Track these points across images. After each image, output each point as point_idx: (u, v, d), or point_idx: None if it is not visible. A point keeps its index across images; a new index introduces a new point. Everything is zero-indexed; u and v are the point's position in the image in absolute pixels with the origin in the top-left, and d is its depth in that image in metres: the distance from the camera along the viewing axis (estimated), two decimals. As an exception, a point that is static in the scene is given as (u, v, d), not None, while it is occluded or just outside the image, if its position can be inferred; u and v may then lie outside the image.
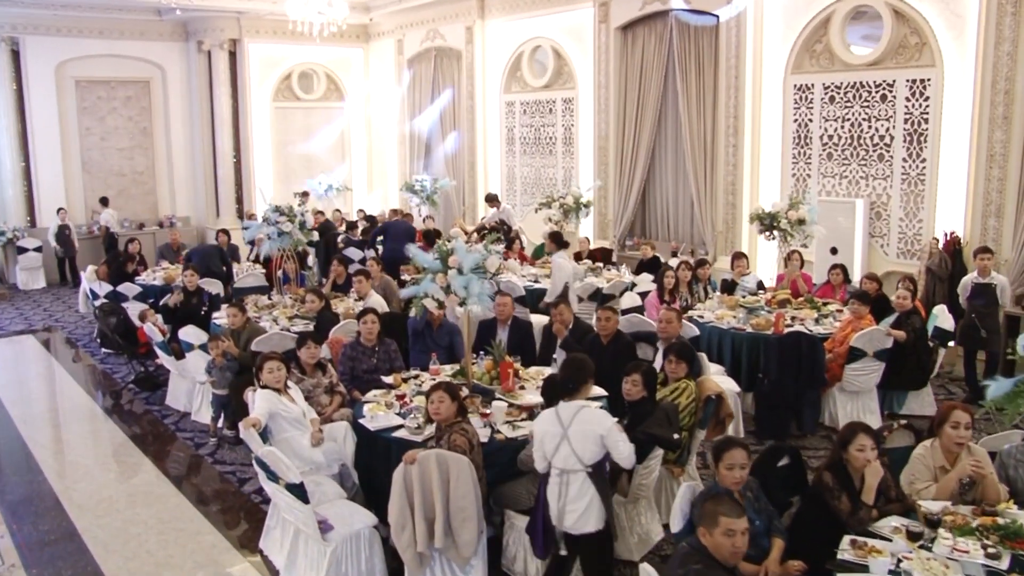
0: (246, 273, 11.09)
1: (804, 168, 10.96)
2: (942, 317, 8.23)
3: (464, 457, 4.67)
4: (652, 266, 11.41)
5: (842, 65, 10.42)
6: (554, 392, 4.90)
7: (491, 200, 14.11)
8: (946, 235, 9.41)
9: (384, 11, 17.32)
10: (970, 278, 8.39)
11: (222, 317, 8.75)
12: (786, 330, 8.00)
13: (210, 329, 8.59)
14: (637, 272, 11.24)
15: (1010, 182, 8.98)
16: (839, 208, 10.26)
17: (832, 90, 10.53)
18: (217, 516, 6.21)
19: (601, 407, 5.77)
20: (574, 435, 4.43)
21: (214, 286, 10.14)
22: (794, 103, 10.95)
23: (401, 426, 5.57)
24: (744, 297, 9.31)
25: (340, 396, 6.47)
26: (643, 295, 9.74)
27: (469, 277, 5.52)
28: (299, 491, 4.71)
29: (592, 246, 13.08)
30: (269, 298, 9.48)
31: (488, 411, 5.60)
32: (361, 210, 17.06)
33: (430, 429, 5.40)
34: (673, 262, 11.73)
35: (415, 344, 7.43)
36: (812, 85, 10.73)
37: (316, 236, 9.62)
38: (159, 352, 8.49)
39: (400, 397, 6.03)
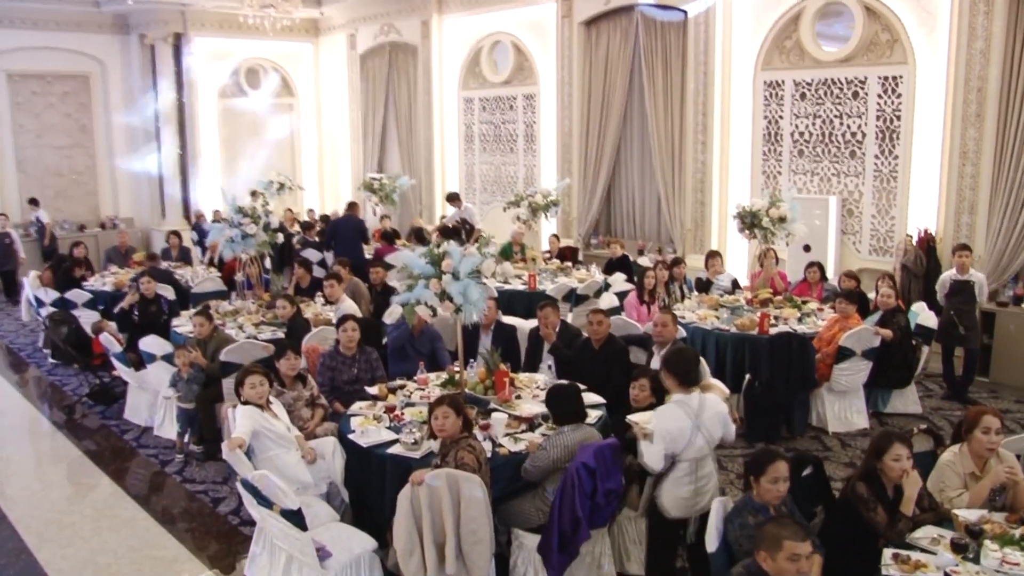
0: (203, 278, 10.54)
1: (775, 165, 10.89)
2: (923, 315, 8.21)
3: (475, 476, 4.36)
4: (622, 265, 11.24)
5: (813, 62, 10.37)
6: (660, 393, 5.06)
7: (452, 199, 13.79)
8: (920, 232, 9.41)
9: (336, 5, 16.83)
10: (948, 275, 8.38)
11: (183, 325, 8.27)
12: (771, 330, 7.89)
13: (171, 338, 8.10)
14: (607, 271, 11.04)
15: (983, 179, 9.01)
16: (812, 205, 10.20)
17: (803, 87, 10.48)
18: (192, 540, 5.78)
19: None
20: (707, 421, 4.65)
21: (168, 291, 9.60)
22: (764, 100, 10.87)
23: (395, 441, 5.23)
24: (722, 296, 9.19)
25: (322, 409, 6.10)
26: (620, 295, 9.55)
27: (466, 282, 5.20)
28: (296, 518, 4.35)
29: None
30: (230, 303, 9.01)
31: (487, 423, 5.29)
32: (311, 210, 16.56)
33: (428, 444, 5.09)
34: (643, 261, 11.63)
35: (395, 352, 7.07)
36: (782, 82, 10.66)
37: (281, 238, 9.16)
38: (117, 364, 7.97)
39: (390, 409, 5.69)
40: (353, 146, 17.79)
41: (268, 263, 11.04)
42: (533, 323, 7.29)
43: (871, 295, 8.33)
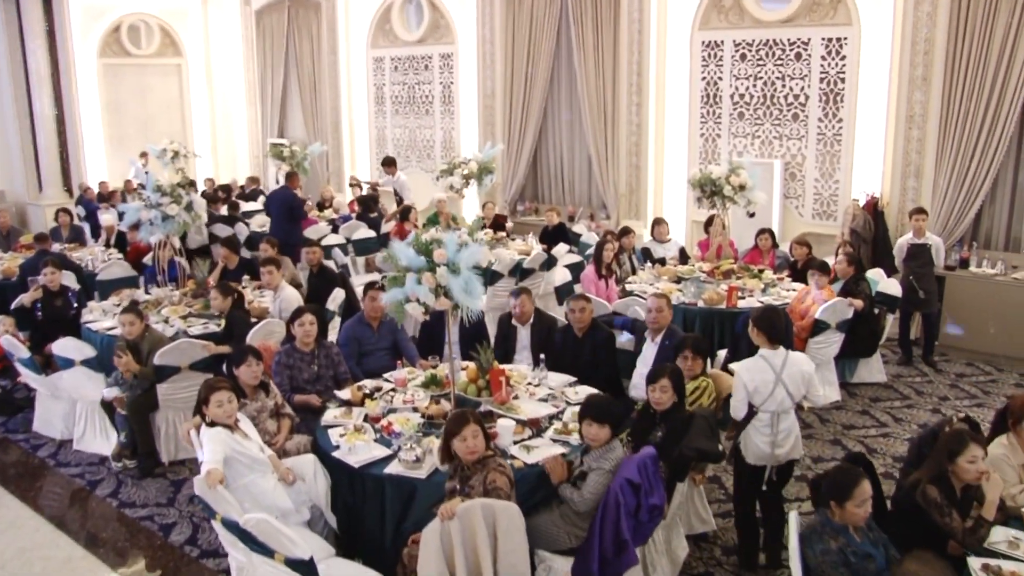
0: (108, 262, 9.40)
1: (713, 128, 10.62)
2: (884, 282, 8.14)
3: (513, 504, 3.84)
4: (559, 234, 10.78)
5: (753, 21, 10.08)
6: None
7: (388, 164, 12.78)
8: (866, 196, 9.33)
9: (225, -45, 15.49)
10: (906, 239, 8.33)
11: (97, 320, 7.29)
12: (739, 303, 7.63)
13: (83, 336, 7.13)
14: (543, 241, 10.57)
15: (929, 143, 8.98)
16: (757, 169, 9.94)
17: (743, 47, 10.19)
18: (147, 580, 5.03)
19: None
20: (789, 378, 4.72)
21: (71, 280, 8.49)
22: (702, 60, 10.53)
23: (391, 458, 4.62)
24: (676, 267, 8.88)
25: (288, 420, 5.37)
26: (571, 269, 9.12)
27: (468, 276, 4.59)
28: (307, 569, 3.70)
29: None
30: (148, 292, 8.05)
31: (493, 431, 4.74)
32: (210, 179, 15.32)
33: (431, 459, 4.51)
34: (579, 228, 11.21)
35: (348, 346, 6.36)
36: (721, 42, 10.34)
37: (205, 218, 8.22)
38: (22, 370, 6.93)
39: (375, 419, 5.06)
40: (250, 110, 16.57)
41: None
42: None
43: (832, 264, 8.17)
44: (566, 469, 4.38)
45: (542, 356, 5.73)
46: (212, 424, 4.58)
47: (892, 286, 8.02)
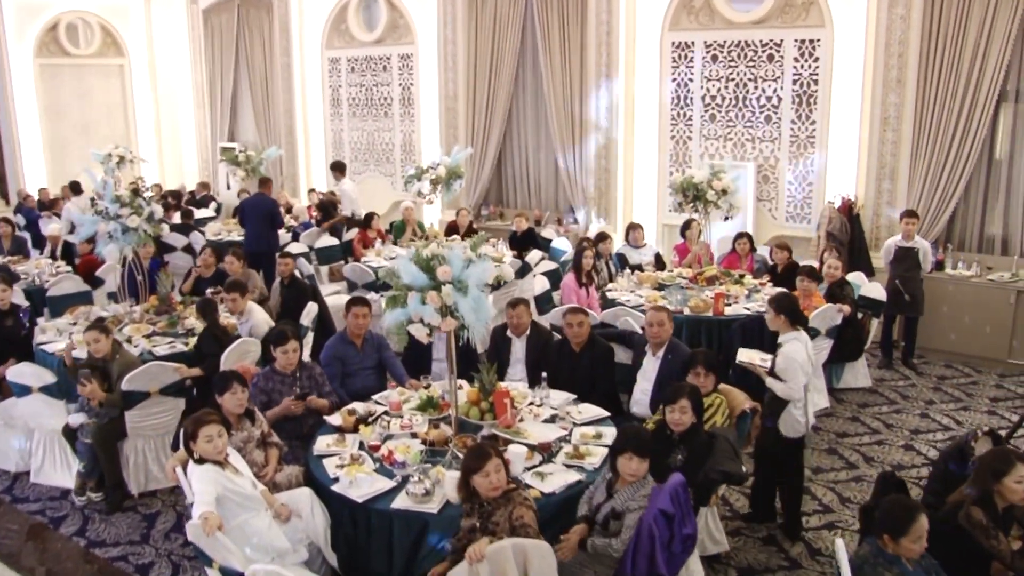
0: (56, 276, 8.81)
1: (684, 130, 10.48)
2: (867, 286, 8.07)
3: (544, 543, 3.57)
4: (528, 240, 10.54)
5: (724, 23, 9.96)
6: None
7: (337, 169, 12.29)
8: (841, 199, 9.28)
9: (170, -49, 14.87)
10: (893, 241, 8.28)
11: (52, 341, 6.79)
12: (726, 311, 7.48)
13: (36, 358, 6.64)
14: (513, 247, 10.32)
15: (904, 145, 8.97)
16: (731, 172, 9.85)
17: (715, 48, 10.06)
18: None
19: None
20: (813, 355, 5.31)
21: (19, 296, 7.94)
22: (672, 61, 10.38)
23: (395, 490, 4.30)
24: (656, 273, 8.71)
25: (276, 449, 5.01)
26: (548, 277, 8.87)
27: (478, 296, 4.30)
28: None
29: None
30: (105, 309, 7.55)
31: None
32: (157, 185, 14.69)
33: (440, 491, 4.22)
34: (548, 233, 10.97)
35: (331, 366, 6.00)
36: (692, 43, 10.21)
37: (166, 229, 7.76)
38: (-29, 397, 6.42)
39: (373, 448, 4.73)
40: (198, 112, 15.95)
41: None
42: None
43: (824, 268, 8.05)
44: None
45: (543, 374, 5.44)
46: (201, 461, 4.21)
47: (875, 290, 7.96)
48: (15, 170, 14.00)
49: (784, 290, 6.74)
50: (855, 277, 8.24)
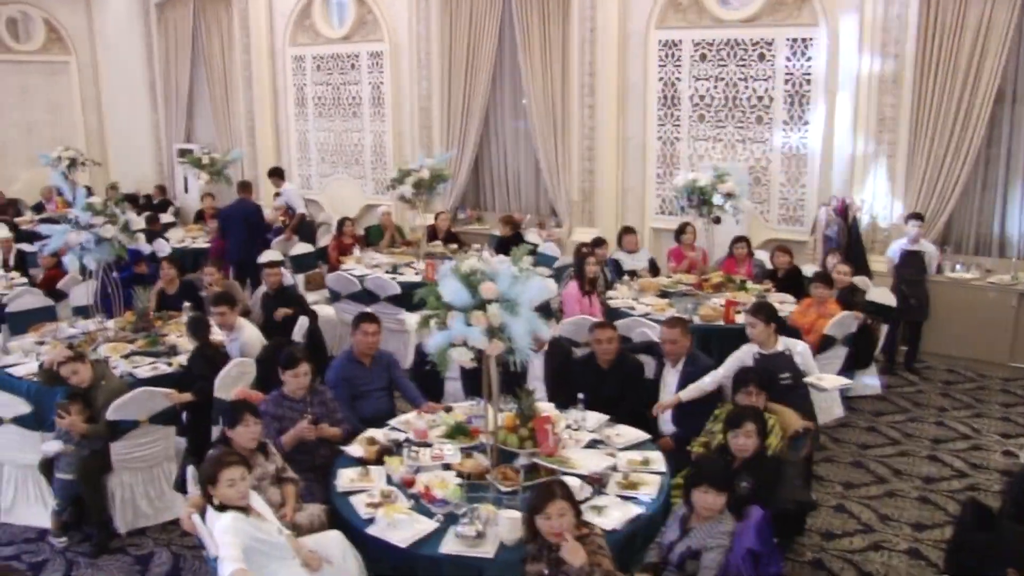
0: (13, 289, 8.10)
1: (672, 131, 10.20)
2: (873, 291, 7.89)
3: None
4: (512, 245, 10.13)
5: (713, 20, 9.71)
6: None
7: (275, 175, 11.71)
8: (837, 201, 9.09)
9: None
10: (899, 245, 8.13)
11: (16, 363, 6.18)
12: (737, 319, 7.21)
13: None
14: (499, 252, 9.90)
15: (900, 146, 8.82)
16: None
17: (703, 47, 9.80)
18: None
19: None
20: None
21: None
22: (660, 60, 10.09)
23: (439, 531, 3.89)
24: (655, 279, 8.42)
25: (293, 485, 4.52)
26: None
27: (530, 316, 3.90)
28: None
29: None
30: (73, 327, 6.94)
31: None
32: (114, 185, 13.84)
33: (493, 531, 3.81)
34: (531, 237, 10.59)
35: (338, 388, 5.52)
36: (680, 41, 9.94)
37: (143, 240, 7.17)
38: (-68, 429, 5.77)
39: (407, 482, 4.29)
40: (151, 113, 15.16)
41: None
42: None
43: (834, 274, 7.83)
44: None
45: (581, 396, 5.07)
46: (222, 507, 3.73)
47: (883, 295, 7.78)
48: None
49: (766, 300, 6.74)
50: (861, 282, 8.05)
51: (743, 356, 5.57)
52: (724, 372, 5.42)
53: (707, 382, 5.39)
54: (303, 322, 6.92)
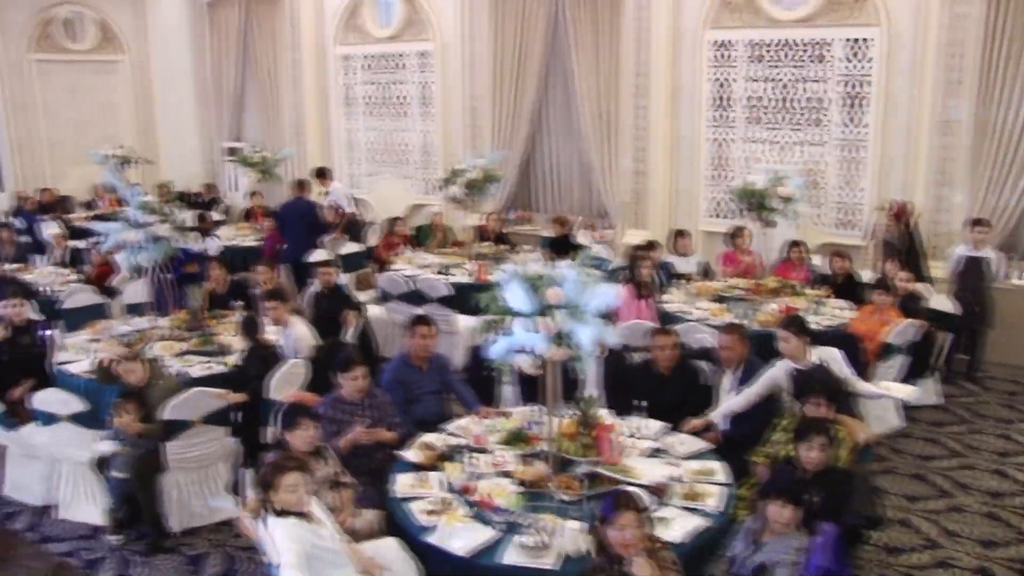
0: (72, 288, 8.19)
1: (726, 132, 10.03)
2: (935, 298, 7.67)
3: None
4: (564, 246, 10.04)
5: (768, 21, 9.52)
6: None
7: (321, 176, 11.74)
8: (895, 205, 8.83)
9: (172, -58, 14.22)
10: (961, 251, 7.89)
11: (75, 360, 6.22)
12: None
13: (59, 380, 6.06)
14: (553, 252, 9.80)
15: (963, 151, 8.56)
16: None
17: (759, 48, 9.62)
18: None
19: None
20: None
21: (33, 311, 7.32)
22: (713, 61, 9.93)
23: (499, 540, 3.81)
24: (711, 283, 8.28)
25: (349, 491, 4.48)
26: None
27: (596, 322, 3.81)
28: None
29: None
30: (128, 324, 6.98)
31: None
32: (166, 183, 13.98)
33: (557, 542, 3.72)
34: (581, 239, 10.46)
35: (393, 392, 5.47)
36: (734, 42, 9.76)
37: (195, 238, 7.20)
38: (-10, 424, 5.84)
39: (465, 489, 4.22)
40: (200, 112, 15.31)
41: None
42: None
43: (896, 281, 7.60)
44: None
45: (643, 403, 4.95)
46: (282, 513, 3.69)
47: (943, 302, 7.55)
48: (8, 170, 13.28)
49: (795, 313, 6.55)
50: (923, 289, 7.83)
51: (776, 374, 5.34)
52: (758, 391, 5.25)
53: (739, 402, 5.24)
54: (357, 323, 6.90)
